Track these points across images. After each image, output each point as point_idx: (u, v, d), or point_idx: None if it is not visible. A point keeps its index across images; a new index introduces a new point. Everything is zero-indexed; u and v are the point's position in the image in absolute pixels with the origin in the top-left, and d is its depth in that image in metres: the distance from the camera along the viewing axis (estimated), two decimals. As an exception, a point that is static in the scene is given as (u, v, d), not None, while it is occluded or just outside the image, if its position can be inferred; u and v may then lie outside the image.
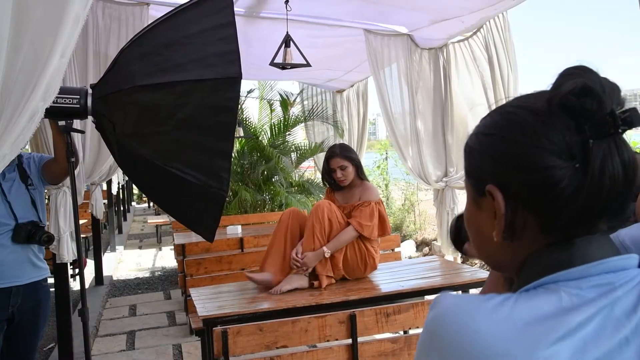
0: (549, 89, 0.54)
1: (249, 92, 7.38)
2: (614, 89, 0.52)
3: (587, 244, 0.54)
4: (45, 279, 2.26)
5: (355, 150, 6.47)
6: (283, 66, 3.66)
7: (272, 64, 3.65)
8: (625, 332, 0.49)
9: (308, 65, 3.68)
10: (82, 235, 2.97)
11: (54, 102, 1.89)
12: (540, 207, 0.54)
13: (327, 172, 2.86)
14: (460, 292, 2.58)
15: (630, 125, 0.51)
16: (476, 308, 0.51)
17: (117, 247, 8.08)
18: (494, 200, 0.56)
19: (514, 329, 0.48)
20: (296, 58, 3.66)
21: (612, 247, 0.55)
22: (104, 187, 7.61)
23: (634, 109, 0.51)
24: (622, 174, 0.51)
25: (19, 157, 2.16)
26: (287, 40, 3.60)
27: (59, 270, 3.00)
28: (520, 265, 0.58)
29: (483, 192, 0.58)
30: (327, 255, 2.62)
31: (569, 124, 0.51)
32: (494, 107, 0.62)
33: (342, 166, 2.77)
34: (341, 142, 5.71)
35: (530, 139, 0.53)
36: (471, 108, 4.40)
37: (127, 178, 9.93)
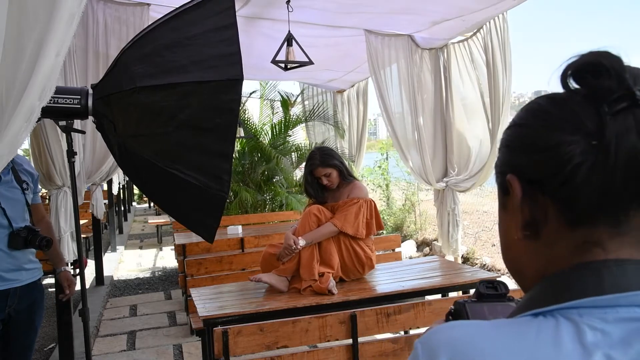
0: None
1: (252, 93, 7.39)
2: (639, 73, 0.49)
3: (623, 271, 0.48)
4: (40, 278, 2.26)
5: (354, 150, 6.54)
6: (285, 64, 3.64)
7: (274, 62, 3.63)
8: None
9: (311, 63, 3.67)
10: (82, 236, 2.97)
11: (55, 102, 1.90)
12: (556, 189, 0.50)
13: (311, 182, 2.83)
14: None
15: None
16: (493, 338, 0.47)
17: (117, 247, 8.09)
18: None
19: None
20: (298, 56, 3.65)
21: None
22: (105, 187, 7.62)
23: None
24: None
25: (13, 163, 2.11)
26: (289, 39, 3.58)
27: (59, 271, 3.00)
28: (542, 276, 0.53)
29: (507, 190, 0.55)
30: (301, 244, 2.60)
31: (586, 103, 0.49)
32: (490, 107, 0.60)
33: (325, 174, 2.77)
34: (320, 145, 5.30)
35: (540, 120, 0.52)
36: (470, 108, 4.39)
37: (127, 178, 9.93)
